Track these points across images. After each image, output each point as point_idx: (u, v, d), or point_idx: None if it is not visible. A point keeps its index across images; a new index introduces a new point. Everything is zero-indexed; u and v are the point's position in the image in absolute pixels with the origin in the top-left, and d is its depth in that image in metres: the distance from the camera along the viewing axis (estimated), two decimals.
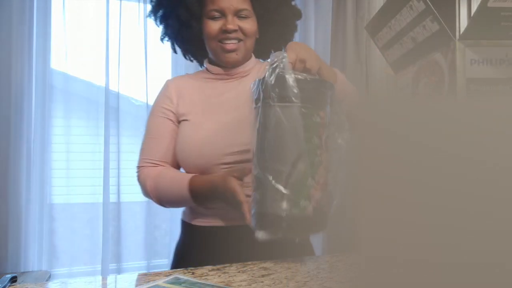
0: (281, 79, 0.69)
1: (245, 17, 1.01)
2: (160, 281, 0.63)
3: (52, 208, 2.19)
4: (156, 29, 1.26)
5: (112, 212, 2.21)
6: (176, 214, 2.28)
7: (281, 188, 0.71)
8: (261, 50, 1.12)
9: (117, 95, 2.24)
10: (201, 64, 1.18)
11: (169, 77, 2.35)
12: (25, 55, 2.06)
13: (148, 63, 2.29)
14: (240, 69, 1.06)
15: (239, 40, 1.01)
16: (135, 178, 1.10)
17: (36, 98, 2.10)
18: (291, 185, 0.71)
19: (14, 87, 2.03)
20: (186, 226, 1.05)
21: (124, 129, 2.25)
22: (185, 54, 1.20)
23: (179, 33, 1.10)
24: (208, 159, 0.95)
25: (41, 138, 2.12)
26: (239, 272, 0.70)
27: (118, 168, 2.21)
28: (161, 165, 1.04)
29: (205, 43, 1.05)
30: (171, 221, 2.30)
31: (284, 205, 0.71)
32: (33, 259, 2.08)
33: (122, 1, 2.25)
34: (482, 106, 0.49)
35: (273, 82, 0.69)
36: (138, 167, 1.10)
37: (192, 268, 0.73)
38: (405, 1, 0.61)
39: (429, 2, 0.53)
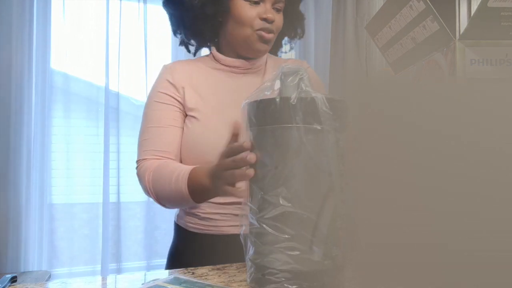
0: (307, 98, 0.56)
1: (279, 10, 0.94)
2: (160, 281, 0.63)
3: (52, 208, 2.19)
4: (156, 29, 1.18)
5: (112, 212, 2.21)
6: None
7: (308, 233, 0.56)
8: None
9: (117, 95, 2.24)
10: (200, 48, 1.05)
11: None
12: (25, 55, 2.06)
13: (148, 63, 2.29)
14: (257, 62, 0.98)
15: (274, 32, 0.93)
16: (135, 178, 0.98)
17: (36, 98, 2.10)
18: (320, 229, 0.56)
19: (14, 87, 2.03)
20: (179, 230, 1.01)
21: (124, 129, 2.25)
22: (188, 37, 1.02)
23: (200, 11, 0.93)
24: None
25: (41, 138, 2.12)
26: (239, 272, 0.70)
27: (118, 168, 2.21)
28: (165, 158, 0.91)
29: (230, 27, 0.93)
30: (171, 221, 2.30)
31: (316, 255, 0.56)
32: (33, 259, 2.08)
33: (122, 1, 2.25)
34: (479, 89, 0.49)
35: (295, 102, 0.56)
36: (138, 161, 0.96)
37: (192, 268, 0.73)
38: (405, 1, 0.61)
39: (429, 2, 0.53)
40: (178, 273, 0.68)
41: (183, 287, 0.60)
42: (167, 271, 0.71)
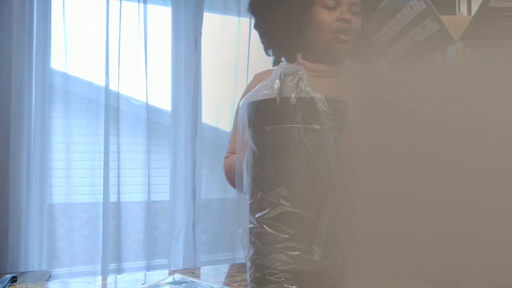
0: (307, 98, 0.56)
1: (356, 13, 0.97)
2: (160, 281, 0.63)
3: (52, 208, 2.19)
4: (156, 29, 1.19)
5: (112, 212, 2.21)
6: (176, 214, 2.29)
7: (308, 233, 0.56)
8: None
9: (117, 95, 2.24)
10: (278, 60, 1.10)
11: (169, 77, 2.36)
12: (25, 55, 2.06)
13: (148, 63, 2.29)
14: (339, 67, 1.02)
15: (350, 34, 0.97)
16: (135, 178, 1.05)
17: (36, 98, 2.10)
18: (321, 229, 0.56)
19: (14, 87, 2.03)
20: None
21: (124, 129, 2.25)
22: (270, 46, 1.09)
23: (284, 21, 1.01)
24: None
25: (41, 138, 2.12)
26: (239, 272, 0.70)
27: (118, 168, 2.21)
28: None
29: (311, 34, 0.99)
30: (171, 221, 2.31)
31: (316, 255, 0.56)
32: (33, 259, 2.08)
33: (122, 1, 2.25)
34: (475, 75, 0.49)
35: (295, 101, 0.56)
36: (225, 158, 1.08)
37: (192, 268, 0.73)
38: (406, 1, 0.61)
39: (429, 2, 0.53)
40: (178, 273, 0.68)
41: (183, 287, 0.60)
42: (167, 271, 0.71)
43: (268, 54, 1.11)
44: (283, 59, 1.10)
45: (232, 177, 1.03)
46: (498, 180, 0.48)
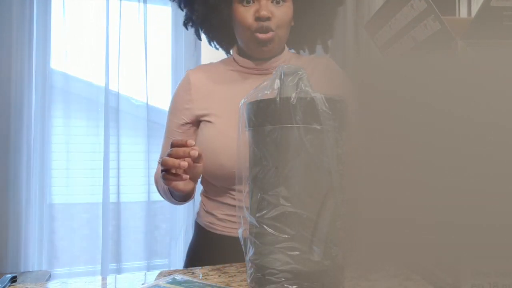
0: (307, 98, 0.56)
1: (280, 2, 0.88)
2: (160, 281, 0.63)
3: (52, 208, 2.19)
4: (156, 29, 1.19)
5: (112, 212, 2.21)
6: (175, 214, 2.29)
7: (308, 233, 0.55)
8: (294, 40, 1.00)
9: (117, 95, 2.24)
10: (228, 52, 1.06)
11: (169, 77, 2.35)
12: (25, 55, 2.06)
13: (148, 63, 2.29)
14: (273, 63, 0.95)
15: (273, 29, 0.88)
16: (135, 178, 1.06)
17: (36, 98, 2.10)
18: (321, 229, 0.56)
19: (14, 87, 2.03)
20: (198, 228, 1.02)
21: (124, 129, 2.25)
22: (210, 41, 1.05)
23: (205, 18, 0.95)
24: (229, 170, 0.85)
25: (41, 138, 2.12)
26: (239, 272, 0.70)
27: (118, 168, 2.21)
28: None
29: (235, 31, 0.93)
30: (171, 221, 2.30)
31: (316, 255, 0.55)
32: (33, 259, 2.08)
33: (122, 1, 2.25)
34: (476, 64, 0.49)
35: (295, 101, 0.56)
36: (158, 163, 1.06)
37: (192, 268, 0.73)
38: (406, 0, 0.60)
39: (430, 1, 0.53)
40: (178, 273, 0.68)
41: (183, 287, 0.60)
42: (167, 270, 0.71)
43: (212, 46, 1.07)
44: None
45: (159, 189, 1.00)
46: (503, 168, 0.48)
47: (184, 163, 0.71)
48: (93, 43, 2.26)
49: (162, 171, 0.76)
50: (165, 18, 2.35)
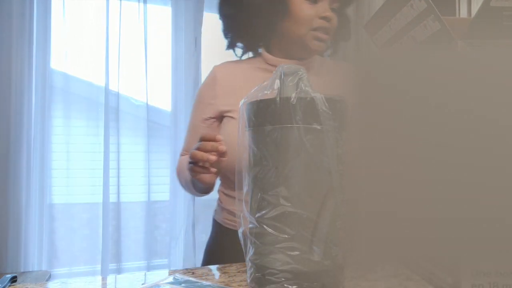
0: (307, 98, 0.56)
1: (334, 10, 0.92)
2: (160, 281, 0.63)
3: (52, 208, 2.19)
4: (156, 29, 1.18)
5: (112, 212, 2.21)
6: (175, 214, 2.29)
7: (308, 233, 0.55)
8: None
9: (117, 95, 2.24)
10: (255, 50, 1.04)
11: (169, 77, 2.35)
12: (25, 55, 2.06)
13: (148, 63, 2.29)
14: (308, 63, 0.97)
15: (330, 32, 0.92)
16: (135, 178, 1.06)
17: (36, 98, 2.10)
18: (321, 229, 0.56)
19: (14, 87, 2.03)
20: (216, 225, 1.04)
21: (124, 129, 2.25)
22: (238, 39, 1.02)
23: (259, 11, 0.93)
24: None
25: (41, 138, 2.12)
26: (239, 272, 0.70)
27: (118, 168, 2.21)
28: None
29: (286, 27, 0.92)
30: (171, 221, 2.30)
31: (316, 255, 0.55)
32: (33, 259, 2.08)
33: (122, 1, 2.25)
34: (477, 59, 0.49)
35: (295, 101, 0.56)
36: (180, 155, 1.08)
37: (192, 268, 0.73)
38: (406, 0, 0.60)
39: (430, 2, 0.53)
40: (178, 273, 0.68)
41: (183, 287, 0.60)
42: (167, 271, 0.71)
43: (225, 37, 1.04)
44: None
45: (181, 180, 1.02)
46: (503, 163, 0.47)
47: (213, 157, 0.73)
48: (93, 43, 2.26)
49: (190, 163, 0.78)
50: (165, 18, 2.35)
